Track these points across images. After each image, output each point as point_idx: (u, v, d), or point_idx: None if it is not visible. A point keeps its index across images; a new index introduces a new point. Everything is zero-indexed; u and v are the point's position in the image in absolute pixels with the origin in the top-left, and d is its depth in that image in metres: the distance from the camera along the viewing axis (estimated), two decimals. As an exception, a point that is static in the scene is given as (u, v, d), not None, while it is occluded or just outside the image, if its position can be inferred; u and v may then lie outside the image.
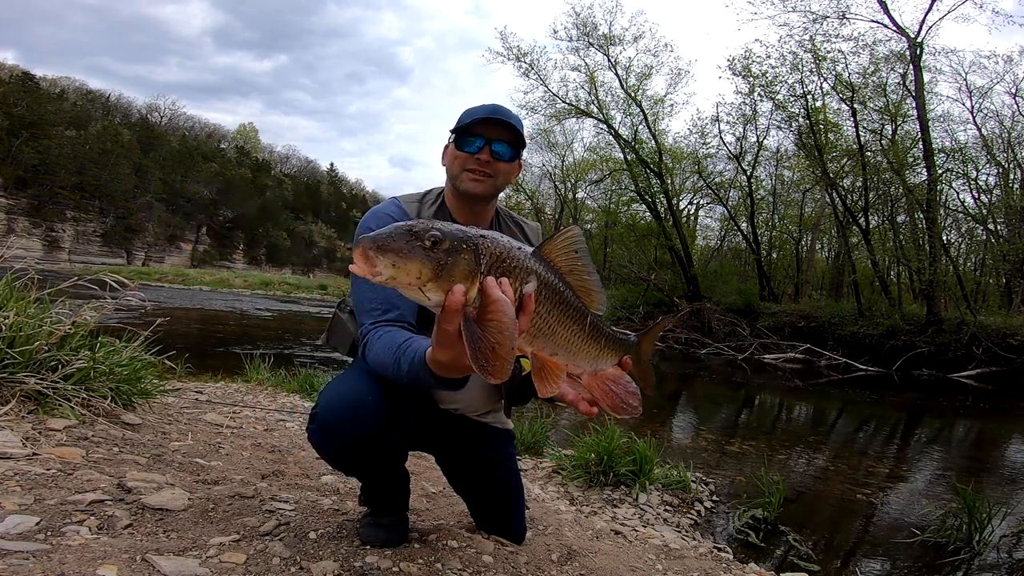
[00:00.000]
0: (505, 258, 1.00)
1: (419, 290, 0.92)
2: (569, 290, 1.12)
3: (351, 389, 1.52)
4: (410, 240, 0.90)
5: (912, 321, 16.22)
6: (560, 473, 3.99)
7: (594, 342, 1.20)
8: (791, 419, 8.97)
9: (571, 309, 1.12)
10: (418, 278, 0.91)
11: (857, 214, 18.59)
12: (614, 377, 1.32)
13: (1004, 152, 20.32)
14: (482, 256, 0.96)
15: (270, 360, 6.25)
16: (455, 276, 0.93)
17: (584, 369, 1.25)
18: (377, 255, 0.88)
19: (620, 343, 1.30)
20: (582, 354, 1.19)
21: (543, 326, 1.08)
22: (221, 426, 3.22)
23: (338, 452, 1.56)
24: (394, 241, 0.90)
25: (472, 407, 1.86)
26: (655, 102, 22.46)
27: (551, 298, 1.08)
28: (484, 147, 1.68)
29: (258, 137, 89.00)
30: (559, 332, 1.11)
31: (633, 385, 1.33)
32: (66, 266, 44.96)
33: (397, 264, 0.89)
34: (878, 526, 4.12)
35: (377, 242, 0.89)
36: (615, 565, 2.04)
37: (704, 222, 32.23)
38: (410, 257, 0.89)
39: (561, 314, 1.10)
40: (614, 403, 1.30)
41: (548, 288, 1.07)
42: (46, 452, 1.96)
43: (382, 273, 0.89)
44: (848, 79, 17.45)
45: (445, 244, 0.92)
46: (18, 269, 2.81)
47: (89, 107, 67.51)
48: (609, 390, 1.31)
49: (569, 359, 1.18)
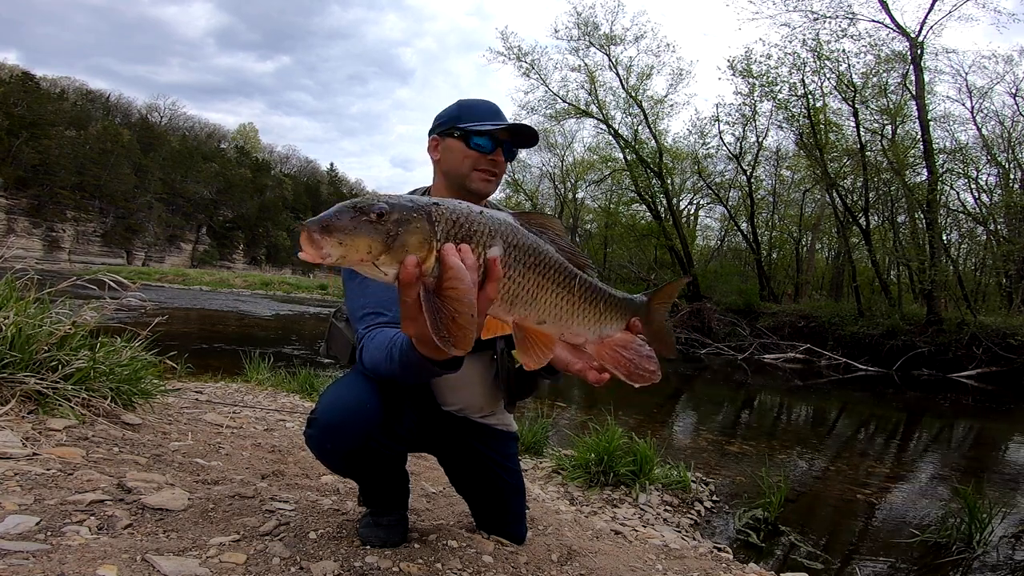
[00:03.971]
0: (464, 223, 0.95)
1: (373, 265, 0.90)
2: (552, 252, 1.04)
3: (348, 394, 1.52)
4: (355, 216, 0.87)
5: (912, 321, 16.22)
6: (560, 473, 3.99)
7: (589, 306, 1.10)
8: (791, 419, 8.97)
9: (554, 272, 1.04)
10: (368, 253, 0.88)
11: (857, 214, 18.60)
12: (624, 342, 1.19)
13: (1004, 152, 20.31)
14: (437, 223, 0.92)
15: (270, 360, 6.25)
16: (408, 246, 0.90)
17: (585, 336, 1.14)
18: (323, 236, 0.85)
19: (624, 305, 1.19)
20: (576, 320, 1.09)
21: (519, 292, 1.01)
22: (221, 426, 3.22)
23: (335, 456, 1.56)
24: (339, 219, 0.86)
25: (473, 407, 1.86)
26: (656, 102, 22.47)
27: (526, 260, 1.01)
28: (498, 148, 1.68)
29: (258, 137, 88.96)
30: (542, 297, 1.03)
31: (647, 348, 1.20)
32: (66, 266, 44.99)
33: (344, 242, 0.86)
34: (878, 526, 4.12)
35: (322, 223, 0.86)
36: (615, 565, 2.03)
37: (704, 222, 32.26)
38: (357, 233, 0.86)
39: (540, 277, 1.02)
40: (629, 370, 1.17)
41: (521, 250, 1.00)
42: (46, 452, 1.96)
43: (331, 254, 0.85)
44: (850, 79, 17.46)
45: (394, 215, 0.89)
46: (18, 269, 2.82)
47: (89, 107, 67.47)
48: (621, 357, 1.18)
49: (560, 327, 1.08)
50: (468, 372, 1.78)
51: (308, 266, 50.17)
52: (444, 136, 1.71)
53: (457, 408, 1.85)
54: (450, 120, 1.71)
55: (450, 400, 1.83)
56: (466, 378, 1.79)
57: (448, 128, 1.70)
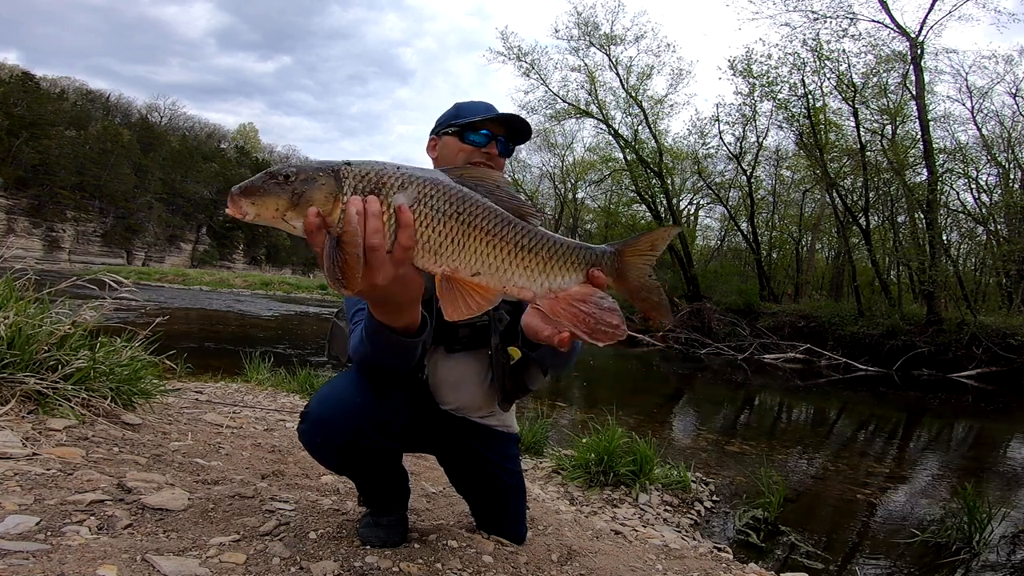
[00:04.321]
0: (372, 176, 1.00)
1: (283, 220, 0.99)
2: (484, 201, 1.01)
3: (339, 389, 1.54)
4: (267, 180, 0.98)
5: (912, 321, 16.23)
6: (560, 473, 3.99)
7: (530, 255, 1.03)
8: (791, 419, 8.97)
9: (482, 219, 1.00)
10: (277, 210, 0.98)
11: (857, 214, 18.61)
12: (581, 296, 1.07)
13: (1004, 152, 20.34)
14: (344, 179, 0.99)
15: (270, 360, 6.26)
16: (313, 202, 0.97)
17: (532, 290, 1.05)
18: (241, 198, 0.97)
19: (580, 253, 1.07)
20: (516, 271, 1.02)
21: (442, 240, 0.99)
22: (221, 426, 3.22)
23: (326, 451, 1.56)
24: (253, 183, 0.98)
25: (472, 406, 1.85)
26: (656, 102, 22.52)
27: (445, 209, 0.99)
28: (491, 141, 1.73)
29: (258, 137, 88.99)
30: (470, 246, 1.00)
31: (609, 301, 1.08)
32: (66, 266, 45.00)
33: (256, 202, 0.97)
34: (878, 526, 4.12)
35: (241, 188, 0.98)
36: (615, 565, 2.03)
37: (704, 222, 32.30)
38: (267, 193, 0.97)
39: (465, 225, 0.99)
40: (589, 326, 1.05)
41: (440, 199, 0.99)
42: (46, 452, 1.96)
43: (247, 212, 0.98)
44: (850, 79, 17.47)
45: (301, 176, 0.98)
46: (17, 269, 2.82)
47: (89, 107, 67.52)
48: (578, 311, 1.06)
49: (498, 278, 1.02)
50: (465, 370, 1.79)
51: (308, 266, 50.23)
52: (441, 135, 1.77)
53: (455, 407, 1.84)
54: (447, 120, 1.78)
55: (448, 399, 1.82)
56: (463, 377, 1.79)
57: (445, 127, 1.77)
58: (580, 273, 1.07)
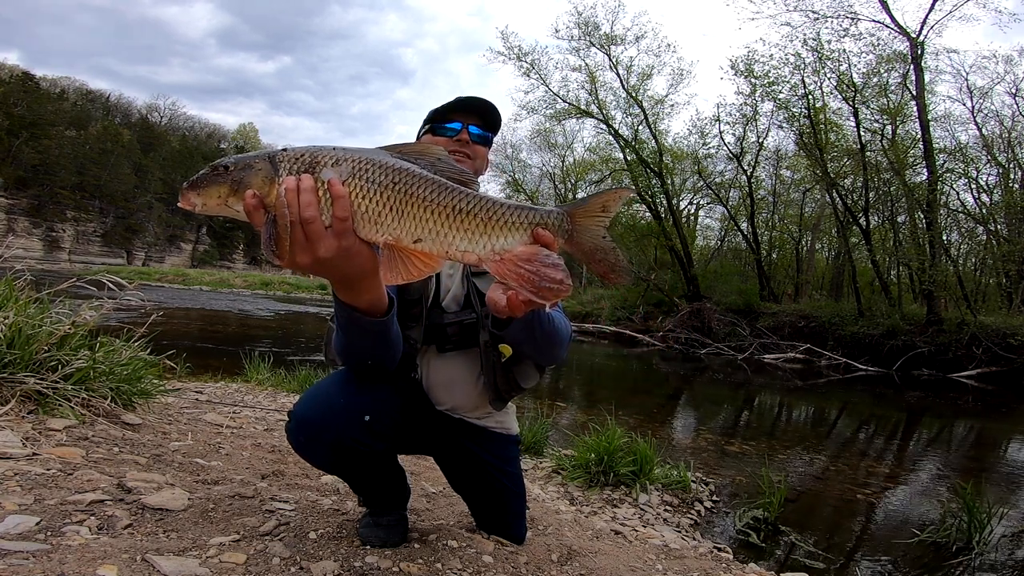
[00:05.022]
0: (307, 158, 1.04)
1: (227, 207, 1.05)
2: (419, 171, 1.04)
3: (325, 389, 1.54)
4: (210, 172, 1.05)
5: (912, 321, 16.22)
6: (560, 473, 3.99)
7: (469, 218, 1.03)
8: (791, 419, 8.97)
9: (418, 187, 1.02)
10: (219, 198, 1.04)
11: (857, 214, 18.59)
12: (526, 255, 1.06)
13: (1004, 152, 20.35)
14: (280, 163, 1.04)
15: (270, 360, 6.26)
16: (251, 186, 1.03)
17: (476, 254, 1.05)
18: (188, 191, 1.05)
19: (522, 213, 1.07)
20: (457, 235, 1.04)
21: (380, 210, 1.03)
22: (221, 426, 3.22)
23: (311, 450, 1.56)
24: (199, 176, 1.06)
25: (467, 406, 1.82)
26: (656, 102, 22.49)
27: (380, 180, 1.02)
28: (462, 129, 1.76)
29: (258, 137, 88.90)
30: (409, 213, 1.02)
31: (553, 258, 1.06)
32: (66, 266, 45.02)
33: (201, 193, 1.04)
34: (878, 526, 4.12)
35: (189, 182, 1.06)
36: (615, 565, 2.03)
37: (704, 222, 32.31)
38: (210, 183, 1.04)
39: (401, 194, 1.02)
40: (534, 284, 1.05)
41: (374, 170, 1.03)
42: (46, 452, 1.96)
43: (196, 204, 1.05)
44: (851, 79, 17.47)
45: (240, 164, 1.05)
46: (16, 269, 2.82)
47: (89, 107, 67.55)
48: (522, 271, 1.05)
49: (439, 244, 1.04)
50: (457, 370, 1.78)
51: (308, 266, 50.16)
52: (421, 136, 1.83)
53: (450, 408, 1.82)
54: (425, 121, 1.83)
55: (442, 399, 1.80)
56: (455, 376, 1.78)
57: (423, 127, 1.83)
58: (524, 233, 1.07)
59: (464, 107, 1.76)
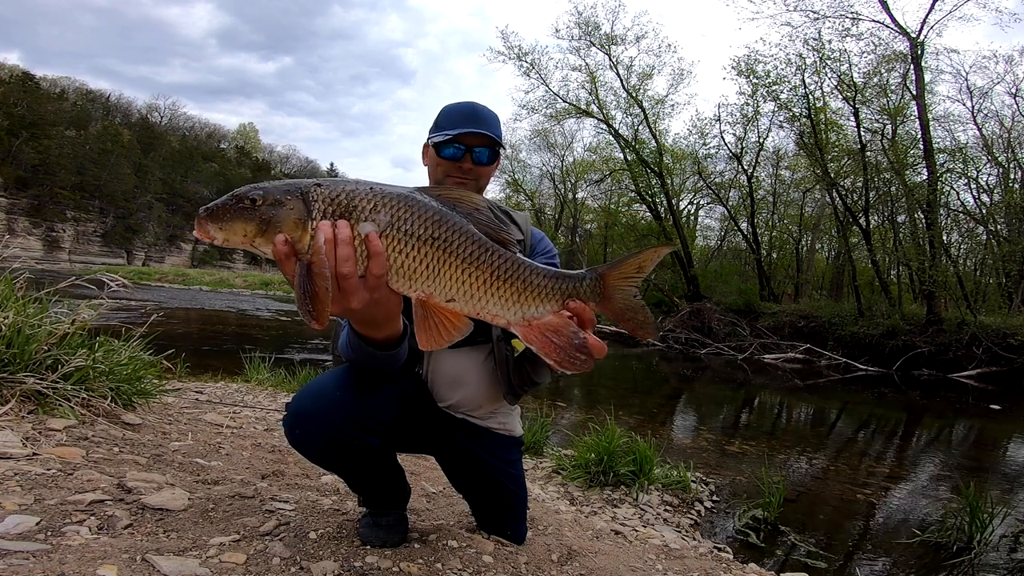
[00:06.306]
0: (343, 200, 0.97)
1: (252, 246, 0.97)
2: (461, 224, 1.00)
3: (323, 384, 1.54)
4: (233, 204, 0.95)
5: (912, 321, 16.22)
6: (560, 473, 3.98)
7: (505, 284, 1.01)
8: (791, 419, 8.97)
9: (459, 246, 0.98)
10: (245, 236, 0.95)
11: (857, 214, 18.60)
12: (555, 327, 1.05)
13: (1004, 152, 20.35)
14: (313, 203, 0.96)
15: (270, 360, 6.26)
16: (282, 227, 0.95)
17: (506, 318, 1.04)
18: (208, 222, 0.95)
19: (556, 284, 1.06)
20: (491, 299, 1.01)
21: (416, 266, 0.98)
22: (221, 426, 3.22)
23: (305, 444, 1.55)
24: (220, 207, 0.95)
25: (472, 404, 1.81)
26: (656, 102, 22.52)
27: (420, 234, 0.97)
28: (465, 154, 1.73)
29: (258, 137, 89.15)
30: (445, 272, 0.98)
31: (581, 335, 1.06)
32: (66, 266, 45.02)
33: (224, 227, 0.95)
34: (878, 526, 4.12)
35: (208, 211, 0.96)
36: (615, 565, 2.03)
37: (704, 222, 32.30)
38: (234, 219, 0.95)
39: (440, 252, 0.98)
40: (558, 358, 1.05)
41: (414, 223, 0.97)
42: (46, 452, 1.96)
43: (216, 237, 0.95)
44: (851, 78, 17.47)
45: (268, 200, 0.95)
46: (15, 269, 2.82)
47: (89, 107, 67.55)
48: (549, 342, 1.05)
49: (472, 305, 1.01)
50: (465, 366, 1.76)
51: (308, 266, 50.26)
52: (429, 143, 1.80)
53: (455, 405, 1.80)
54: (433, 127, 1.80)
55: (447, 396, 1.78)
56: (463, 372, 1.76)
57: (429, 137, 1.80)
58: (556, 303, 1.06)
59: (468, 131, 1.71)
